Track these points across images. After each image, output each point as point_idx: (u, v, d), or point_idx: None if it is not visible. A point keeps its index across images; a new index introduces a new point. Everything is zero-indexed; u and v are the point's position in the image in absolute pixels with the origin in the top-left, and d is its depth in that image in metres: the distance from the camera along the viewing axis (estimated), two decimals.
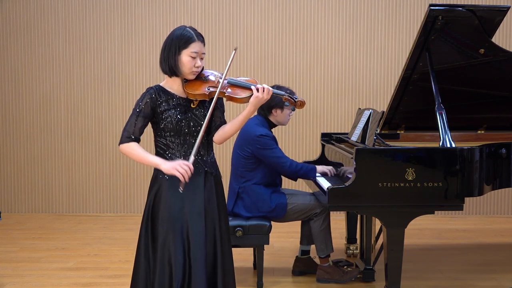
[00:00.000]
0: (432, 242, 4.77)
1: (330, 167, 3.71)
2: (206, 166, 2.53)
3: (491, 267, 4.05)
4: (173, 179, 2.44)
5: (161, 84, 2.53)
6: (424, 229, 5.17)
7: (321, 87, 5.74)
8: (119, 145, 2.49)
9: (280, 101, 3.60)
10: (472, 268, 4.02)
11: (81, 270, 4.02)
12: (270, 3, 5.69)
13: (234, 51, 2.56)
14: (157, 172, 2.53)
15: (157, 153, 2.53)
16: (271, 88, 2.49)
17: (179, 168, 2.34)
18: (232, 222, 3.55)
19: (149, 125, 2.54)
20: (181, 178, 2.33)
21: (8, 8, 5.76)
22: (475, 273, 3.90)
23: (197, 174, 2.49)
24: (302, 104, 2.63)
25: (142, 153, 2.45)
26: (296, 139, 5.77)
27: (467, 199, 3.09)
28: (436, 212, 3.14)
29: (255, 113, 3.68)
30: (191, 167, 2.35)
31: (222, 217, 2.56)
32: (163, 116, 2.47)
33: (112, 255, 4.38)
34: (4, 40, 5.79)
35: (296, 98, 2.61)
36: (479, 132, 4.06)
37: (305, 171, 3.64)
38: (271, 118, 3.69)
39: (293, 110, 2.67)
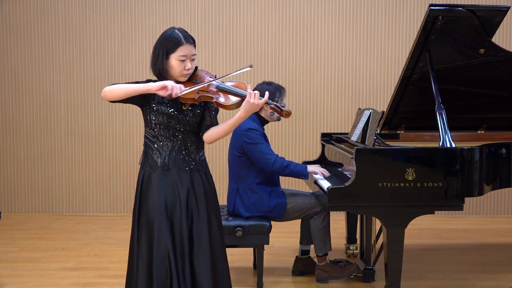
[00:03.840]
0: (432, 242, 4.77)
1: (323, 169, 3.65)
2: (192, 164, 2.54)
3: (491, 267, 4.05)
4: (158, 172, 2.49)
5: (158, 80, 2.54)
6: (424, 229, 5.17)
7: (321, 87, 5.74)
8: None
9: (269, 94, 3.61)
10: (472, 268, 4.02)
11: (81, 270, 4.02)
12: (270, 3, 5.69)
13: (248, 68, 2.53)
14: (143, 163, 2.55)
15: (145, 144, 2.56)
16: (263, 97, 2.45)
17: (171, 83, 2.34)
18: (232, 222, 3.55)
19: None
20: (169, 92, 2.33)
21: (8, 8, 5.76)
22: (475, 273, 3.91)
23: (183, 170, 2.51)
24: (288, 114, 2.56)
25: (126, 84, 2.42)
26: (296, 139, 5.77)
27: (467, 199, 3.09)
28: (436, 212, 3.14)
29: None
30: (183, 89, 2.36)
31: (212, 217, 2.55)
32: (155, 108, 2.47)
33: (112, 255, 4.38)
34: (4, 40, 5.79)
35: (283, 107, 2.55)
36: (479, 132, 4.06)
37: (293, 170, 3.54)
38: (262, 114, 3.66)
39: (278, 120, 2.62)
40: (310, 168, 3.61)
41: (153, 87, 2.36)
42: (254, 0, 5.68)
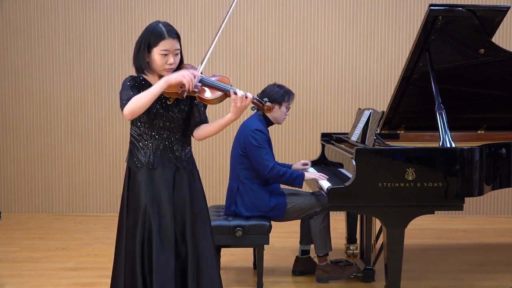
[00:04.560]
0: (432, 242, 4.77)
1: (319, 174, 3.62)
2: (178, 161, 2.53)
3: (491, 267, 4.05)
4: (143, 170, 2.49)
5: (143, 76, 2.53)
6: (424, 229, 5.17)
7: (321, 87, 5.74)
8: (122, 109, 2.38)
9: (279, 97, 3.65)
10: (472, 268, 4.02)
11: (81, 270, 4.02)
12: (270, 3, 5.69)
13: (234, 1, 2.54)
14: (129, 162, 2.55)
15: (131, 142, 2.55)
16: (249, 95, 2.45)
17: (186, 75, 2.34)
18: (232, 222, 3.55)
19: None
20: (187, 85, 2.34)
21: (8, 8, 5.76)
22: (475, 273, 3.91)
23: (168, 169, 2.50)
24: (269, 109, 2.56)
25: (144, 93, 2.37)
26: (296, 139, 5.77)
27: (467, 199, 3.09)
28: (436, 212, 3.14)
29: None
30: (197, 75, 2.39)
31: (196, 216, 2.54)
32: None
33: (112, 255, 4.31)
34: (4, 40, 5.79)
35: (265, 102, 2.55)
36: (479, 132, 4.06)
37: (288, 178, 3.54)
38: (268, 114, 3.68)
39: (260, 115, 2.63)
40: (307, 176, 3.60)
41: (171, 78, 2.35)
42: (254, 0, 5.68)
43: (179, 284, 2.49)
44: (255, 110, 2.58)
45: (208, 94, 2.46)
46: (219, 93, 2.46)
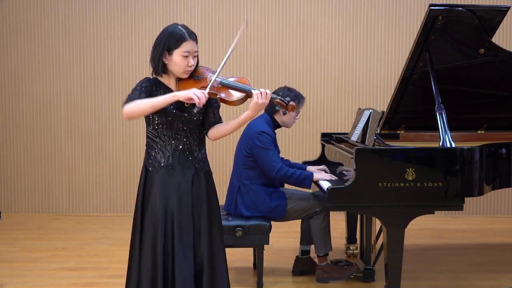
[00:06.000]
0: (432, 242, 4.77)
1: (328, 175, 3.60)
2: (196, 162, 2.54)
3: (491, 267, 4.05)
4: (162, 172, 2.48)
5: (158, 78, 2.53)
6: (424, 229, 5.17)
7: (321, 87, 5.74)
8: (122, 107, 2.38)
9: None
10: (472, 268, 4.02)
11: (81, 270, 4.02)
12: (270, 2, 5.69)
13: (244, 25, 2.54)
14: (146, 164, 2.55)
15: (148, 144, 2.55)
16: (268, 92, 2.47)
17: (195, 92, 2.32)
18: (232, 222, 3.55)
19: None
20: (197, 102, 2.32)
21: (8, 8, 5.76)
22: (475, 273, 3.91)
23: (187, 169, 2.50)
24: (293, 108, 2.60)
25: (148, 99, 2.37)
26: (296, 139, 5.77)
27: (467, 199, 3.09)
28: (436, 212, 3.14)
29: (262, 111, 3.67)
30: (206, 95, 2.35)
31: (212, 215, 2.55)
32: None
33: (112, 255, 4.38)
34: (4, 40, 5.79)
35: (288, 101, 2.58)
36: (479, 132, 4.06)
37: (296, 179, 3.52)
38: (277, 118, 3.70)
39: (284, 114, 2.66)
40: (316, 176, 3.56)
41: (180, 94, 2.35)
42: (254, 0, 5.68)
43: (196, 284, 2.49)
44: (279, 109, 2.60)
45: (229, 95, 2.46)
46: (240, 94, 2.47)
